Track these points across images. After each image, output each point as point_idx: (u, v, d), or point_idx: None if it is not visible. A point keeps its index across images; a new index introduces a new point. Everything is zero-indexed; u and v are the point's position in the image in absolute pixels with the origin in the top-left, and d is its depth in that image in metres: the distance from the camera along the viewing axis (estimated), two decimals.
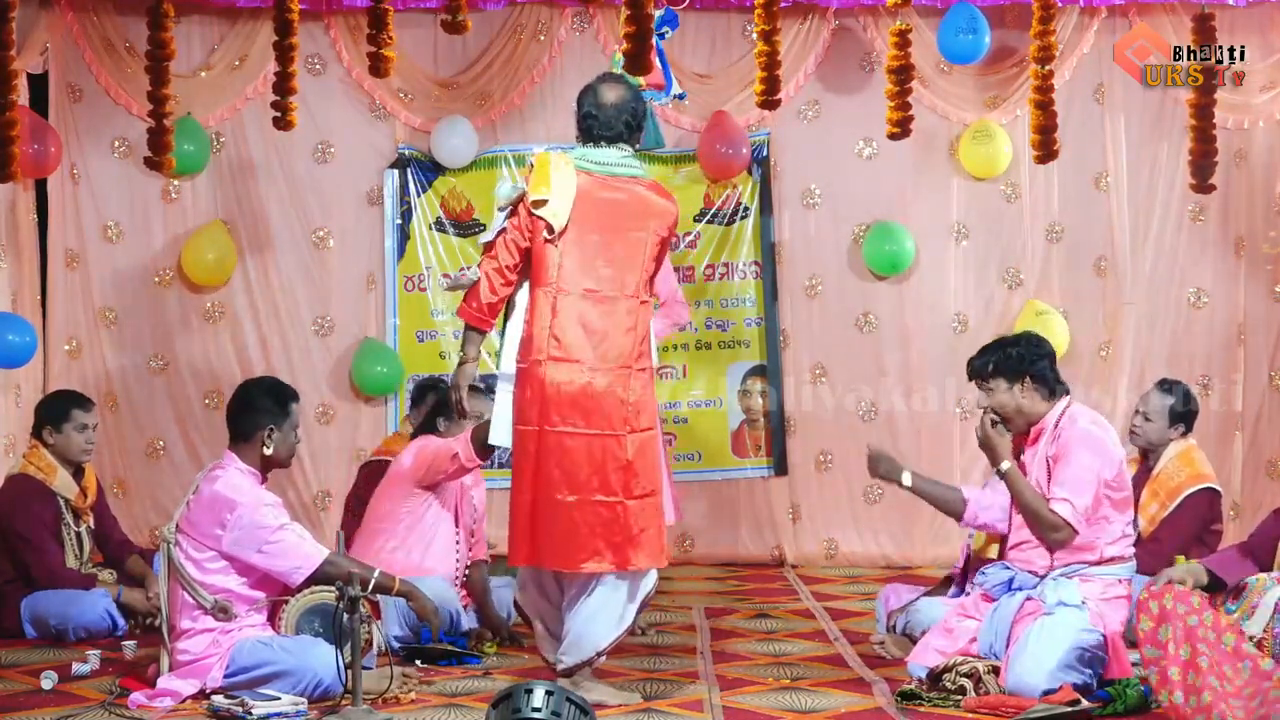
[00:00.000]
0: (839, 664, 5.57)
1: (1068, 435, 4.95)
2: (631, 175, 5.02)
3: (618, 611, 4.91)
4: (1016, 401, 5.03)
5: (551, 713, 4.04)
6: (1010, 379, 5.03)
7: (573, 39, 8.32)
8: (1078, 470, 4.87)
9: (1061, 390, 5.06)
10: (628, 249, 4.93)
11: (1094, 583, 4.92)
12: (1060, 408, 5.02)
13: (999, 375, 5.04)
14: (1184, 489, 6.01)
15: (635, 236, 4.94)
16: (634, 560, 4.86)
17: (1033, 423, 5.04)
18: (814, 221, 8.41)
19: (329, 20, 8.20)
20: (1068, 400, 5.06)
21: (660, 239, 4.99)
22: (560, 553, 4.86)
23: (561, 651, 4.94)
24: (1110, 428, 5.12)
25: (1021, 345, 5.10)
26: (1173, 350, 8.37)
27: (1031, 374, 5.01)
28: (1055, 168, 8.04)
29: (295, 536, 5.02)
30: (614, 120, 4.99)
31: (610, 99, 5.01)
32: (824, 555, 8.31)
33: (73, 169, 8.14)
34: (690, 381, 8.33)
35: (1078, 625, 4.82)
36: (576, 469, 4.84)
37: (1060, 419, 5.00)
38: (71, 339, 8.19)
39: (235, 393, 5.27)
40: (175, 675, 4.94)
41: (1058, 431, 4.98)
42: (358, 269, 8.35)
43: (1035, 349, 5.08)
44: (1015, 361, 5.03)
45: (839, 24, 8.30)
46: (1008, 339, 5.20)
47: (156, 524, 8.10)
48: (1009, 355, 5.05)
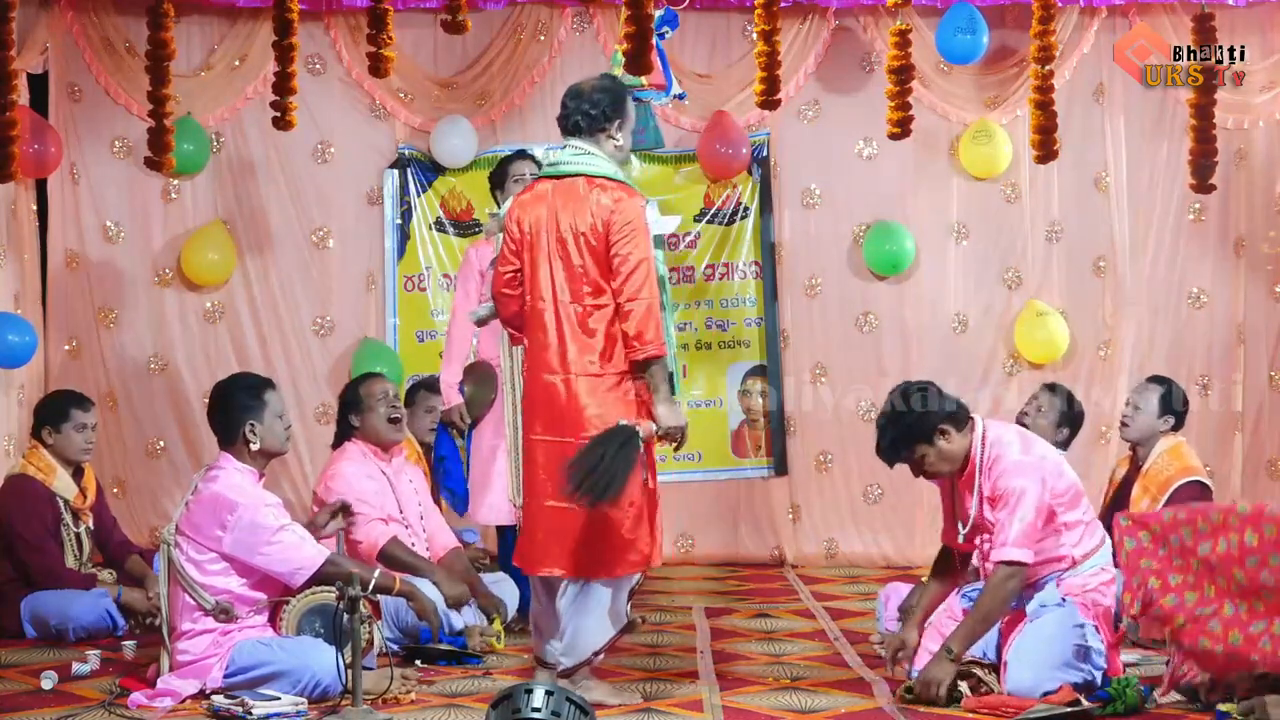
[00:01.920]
0: (839, 664, 5.58)
1: (1001, 474, 4.86)
2: (577, 174, 4.89)
3: (607, 611, 4.91)
4: (943, 455, 4.93)
5: (551, 713, 4.04)
6: (927, 442, 4.91)
7: (573, 39, 8.32)
8: (1022, 517, 4.79)
9: (965, 413, 4.97)
10: (564, 251, 4.87)
11: (1077, 578, 4.93)
12: (979, 434, 4.94)
13: (914, 444, 4.92)
14: (1173, 482, 6.04)
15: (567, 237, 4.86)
16: (586, 569, 4.84)
17: (965, 459, 4.95)
18: (814, 221, 8.41)
19: (329, 20, 8.20)
20: (981, 424, 4.97)
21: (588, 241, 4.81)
22: (529, 556, 4.95)
23: (560, 653, 4.93)
24: (1036, 438, 5.08)
25: (910, 407, 4.95)
26: (1173, 350, 8.37)
27: (939, 426, 4.91)
28: (1055, 168, 8.04)
29: (296, 538, 5.02)
30: (573, 111, 4.93)
31: (576, 89, 4.97)
32: (824, 555, 8.31)
33: (73, 169, 8.14)
34: (690, 381, 8.32)
35: (1069, 622, 4.82)
36: (539, 475, 4.89)
37: (984, 448, 4.91)
38: (71, 339, 8.19)
39: (210, 398, 5.29)
40: (175, 675, 4.95)
41: (988, 464, 4.90)
42: (358, 269, 8.36)
43: (923, 402, 4.96)
44: (918, 427, 4.91)
45: (839, 24, 8.30)
46: (891, 413, 4.97)
47: (156, 524, 8.11)
48: (909, 426, 4.92)
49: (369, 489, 5.88)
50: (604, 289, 4.83)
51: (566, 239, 4.85)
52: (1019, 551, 4.78)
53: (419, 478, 6.27)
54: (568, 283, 4.86)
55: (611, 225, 4.79)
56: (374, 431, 6.01)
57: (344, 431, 6.11)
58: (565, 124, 4.97)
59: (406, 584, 5.35)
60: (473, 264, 6.45)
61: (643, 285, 4.78)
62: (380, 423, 6.00)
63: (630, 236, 4.78)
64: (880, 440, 5.02)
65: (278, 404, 5.19)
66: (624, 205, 4.82)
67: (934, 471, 5.00)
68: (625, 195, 4.84)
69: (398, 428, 6.06)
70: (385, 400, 6.01)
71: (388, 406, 6.02)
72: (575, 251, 4.84)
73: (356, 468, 5.94)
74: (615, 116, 4.94)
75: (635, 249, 4.79)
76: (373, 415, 5.99)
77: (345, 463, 5.96)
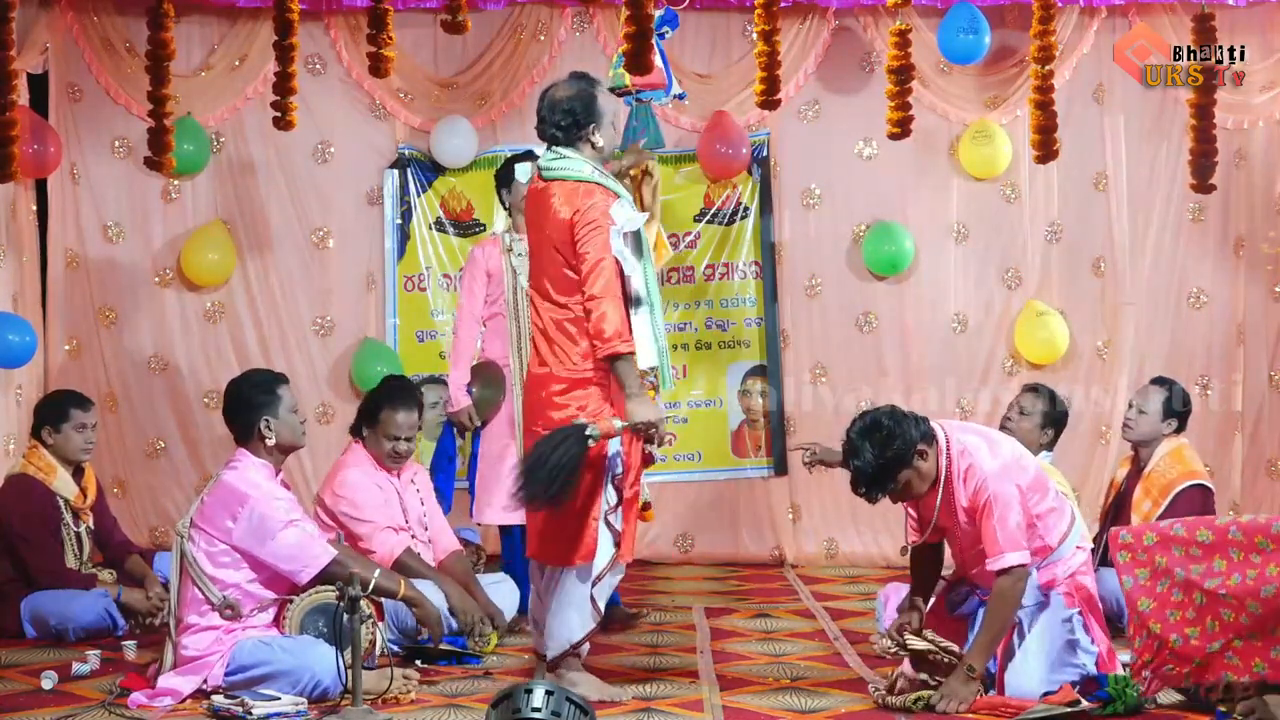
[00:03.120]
0: (839, 664, 5.58)
1: (980, 485, 4.78)
2: (555, 178, 4.98)
3: (577, 601, 4.96)
4: (922, 474, 4.83)
5: (551, 713, 4.04)
6: (906, 468, 4.80)
7: (573, 39, 8.32)
8: (1013, 520, 4.75)
9: (929, 431, 4.84)
10: (540, 250, 5.02)
11: (1059, 564, 4.92)
12: (944, 444, 4.85)
13: (896, 473, 4.79)
14: (1175, 485, 6.03)
15: (542, 238, 5.00)
16: (546, 556, 5.00)
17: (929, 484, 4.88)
18: (814, 221, 8.41)
19: (329, 20, 8.20)
20: (942, 433, 4.87)
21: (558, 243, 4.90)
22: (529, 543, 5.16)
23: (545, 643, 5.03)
24: (999, 437, 5.02)
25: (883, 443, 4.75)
26: (1172, 350, 8.37)
27: (917, 449, 4.80)
28: (1055, 168, 8.04)
29: (304, 534, 5.03)
30: (548, 125, 5.01)
31: (550, 99, 5.03)
32: (824, 555, 8.31)
33: (73, 169, 8.14)
34: (690, 381, 8.33)
35: (1057, 617, 4.82)
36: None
37: (951, 460, 4.83)
38: (71, 339, 8.20)
39: (224, 396, 5.29)
40: (176, 673, 4.95)
41: (962, 474, 4.82)
42: (358, 269, 8.36)
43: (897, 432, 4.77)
44: (898, 457, 4.76)
45: (839, 24, 8.30)
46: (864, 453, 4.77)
47: (156, 524, 8.12)
48: (890, 460, 4.76)
49: (375, 499, 5.89)
50: (578, 286, 4.92)
51: (542, 242, 4.99)
52: (1016, 555, 4.74)
53: (424, 481, 6.26)
54: (547, 283, 4.99)
55: (575, 226, 4.88)
56: (378, 451, 5.99)
57: (357, 428, 6.09)
58: (542, 135, 5.07)
59: (412, 589, 5.35)
60: (478, 263, 6.47)
61: (601, 283, 4.83)
62: (384, 454, 5.97)
63: (591, 236, 4.85)
64: (859, 480, 4.82)
65: (291, 399, 5.19)
66: (587, 206, 4.88)
67: (914, 493, 4.87)
68: (591, 196, 4.90)
69: (397, 461, 6.00)
70: (399, 437, 5.95)
71: (395, 445, 5.96)
72: (550, 253, 4.96)
73: (364, 477, 5.93)
74: (589, 121, 4.99)
75: (593, 249, 4.85)
76: (382, 441, 5.96)
77: (354, 470, 5.95)
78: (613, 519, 4.94)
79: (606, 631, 5.78)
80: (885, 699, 4.83)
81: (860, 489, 4.84)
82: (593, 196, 4.90)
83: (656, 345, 4.97)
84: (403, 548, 5.82)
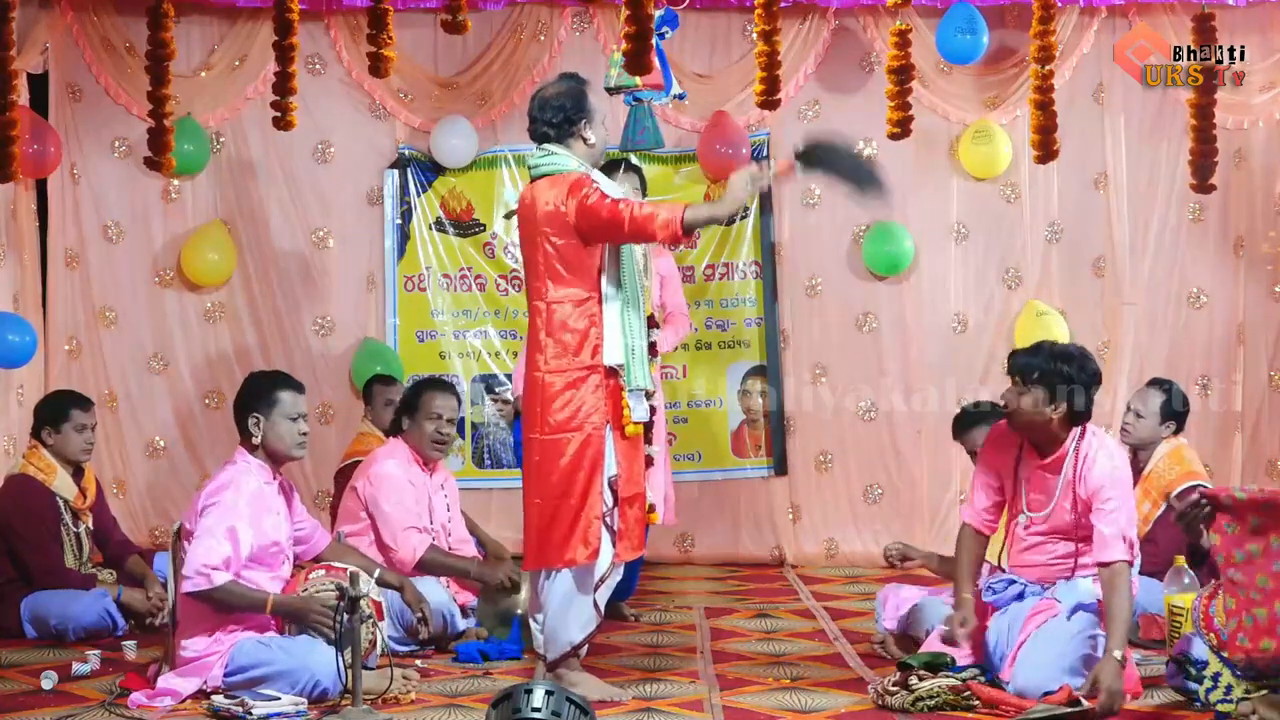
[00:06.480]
0: (839, 664, 5.58)
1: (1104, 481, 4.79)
2: (542, 175, 5.03)
3: (573, 603, 4.97)
4: (1045, 417, 4.86)
5: (551, 713, 4.04)
6: (1050, 395, 4.83)
7: (573, 39, 8.32)
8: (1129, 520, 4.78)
9: (1083, 419, 4.88)
10: (529, 252, 5.03)
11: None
12: (1076, 434, 4.89)
13: (1041, 385, 4.83)
14: (1175, 487, 6.00)
15: (530, 239, 5.02)
16: (540, 558, 4.99)
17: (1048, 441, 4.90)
18: (814, 221, 8.41)
19: (329, 20, 8.20)
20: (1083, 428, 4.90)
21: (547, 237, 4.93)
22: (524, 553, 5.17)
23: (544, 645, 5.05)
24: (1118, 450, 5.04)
25: (1073, 366, 4.84)
26: (1172, 350, 8.37)
27: (1071, 403, 4.82)
28: (1055, 168, 8.04)
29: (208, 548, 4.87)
30: (539, 123, 5.05)
31: (540, 98, 5.07)
32: (824, 555, 8.30)
33: (73, 169, 8.14)
34: (690, 381, 8.33)
35: (1087, 630, 4.83)
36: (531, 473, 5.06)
37: (1080, 448, 4.86)
38: (71, 339, 8.20)
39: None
40: (176, 674, 4.95)
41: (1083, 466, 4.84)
42: (358, 269, 8.36)
43: (1085, 374, 4.84)
44: (1063, 381, 4.80)
45: (839, 24, 8.30)
46: (1061, 351, 4.89)
47: (156, 524, 8.12)
48: (1059, 372, 4.81)
49: (409, 495, 5.99)
50: (569, 282, 4.93)
51: (531, 241, 5.01)
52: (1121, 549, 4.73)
53: (453, 489, 6.37)
54: (535, 281, 5.01)
55: (568, 199, 4.89)
56: (418, 440, 6.11)
57: (396, 426, 6.24)
58: (534, 135, 5.10)
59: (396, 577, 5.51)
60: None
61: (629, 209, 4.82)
62: (425, 438, 6.09)
63: (590, 194, 4.85)
64: (1029, 353, 4.87)
65: (293, 406, 5.11)
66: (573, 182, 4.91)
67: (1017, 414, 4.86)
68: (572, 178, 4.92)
69: (439, 449, 6.13)
70: (439, 419, 6.08)
71: (438, 426, 6.08)
72: (539, 250, 4.97)
73: (402, 471, 6.02)
74: (580, 117, 5.03)
75: (599, 204, 4.85)
76: (424, 425, 6.08)
77: (392, 462, 6.04)
78: (610, 520, 4.95)
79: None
80: (886, 699, 4.83)
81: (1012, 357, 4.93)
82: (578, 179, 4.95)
83: (625, 342, 4.96)
84: (425, 546, 5.92)
